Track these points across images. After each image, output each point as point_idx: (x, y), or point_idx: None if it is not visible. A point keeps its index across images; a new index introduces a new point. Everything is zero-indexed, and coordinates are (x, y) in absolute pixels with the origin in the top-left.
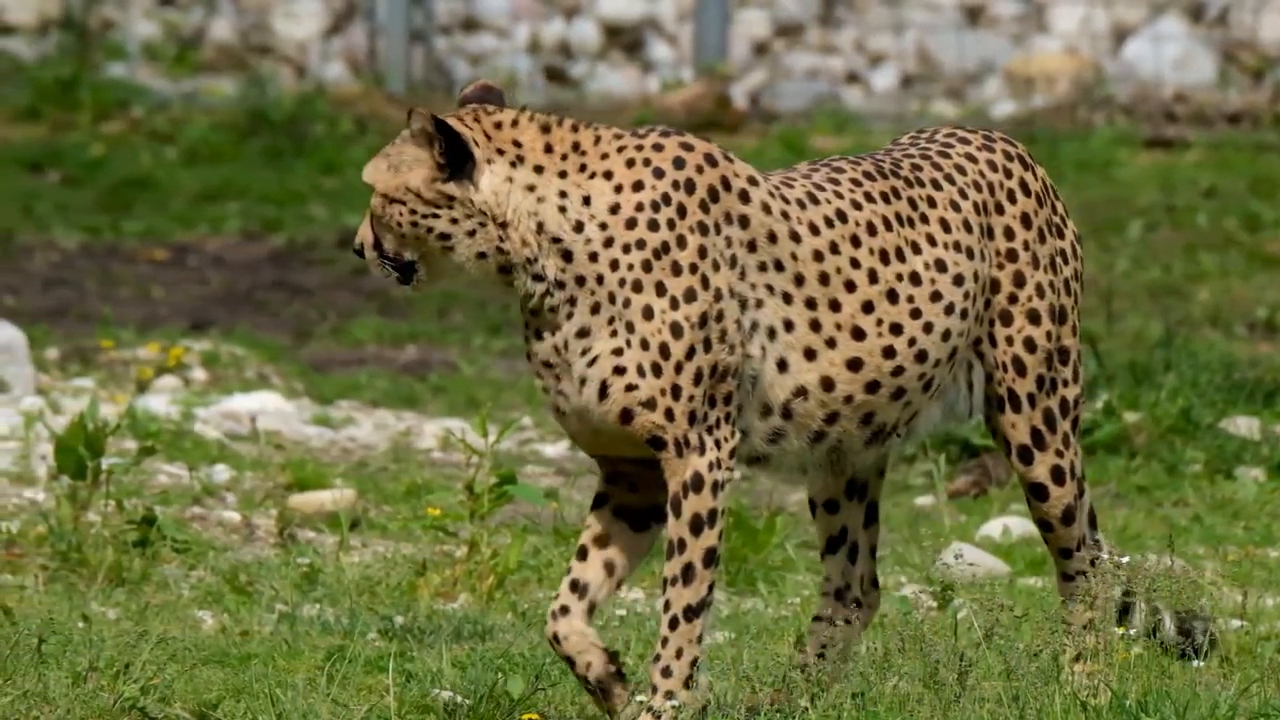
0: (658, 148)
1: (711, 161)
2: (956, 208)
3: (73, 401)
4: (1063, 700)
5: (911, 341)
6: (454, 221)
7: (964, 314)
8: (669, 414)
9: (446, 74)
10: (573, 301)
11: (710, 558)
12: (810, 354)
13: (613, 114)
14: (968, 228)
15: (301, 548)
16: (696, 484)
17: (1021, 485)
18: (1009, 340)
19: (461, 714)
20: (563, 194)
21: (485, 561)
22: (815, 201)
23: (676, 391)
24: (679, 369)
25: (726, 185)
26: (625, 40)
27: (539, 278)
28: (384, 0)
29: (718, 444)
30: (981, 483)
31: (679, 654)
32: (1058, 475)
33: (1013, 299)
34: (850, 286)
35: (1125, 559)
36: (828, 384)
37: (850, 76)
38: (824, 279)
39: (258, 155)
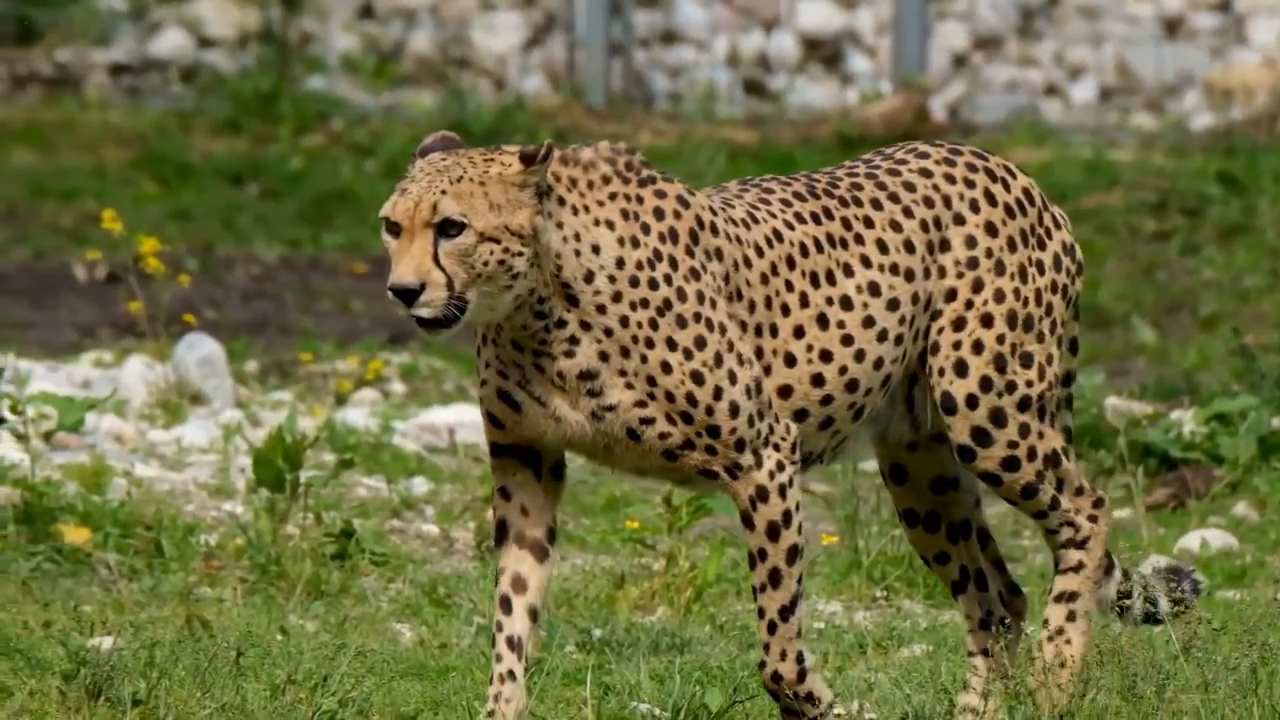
0: (639, 199)
1: (684, 204)
2: (898, 228)
3: (271, 414)
4: (1261, 713)
5: (842, 370)
6: (528, 260)
7: (899, 339)
8: (710, 450)
9: (645, 86)
10: (574, 341)
11: (793, 555)
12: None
13: (811, 126)
14: (909, 248)
15: None
16: (762, 496)
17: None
18: (956, 345)
19: None
20: (577, 236)
21: (683, 574)
22: (756, 221)
23: (715, 431)
24: (710, 411)
25: (701, 224)
26: (824, 52)
27: (541, 315)
28: (583, 13)
29: (775, 447)
30: (1180, 495)
31: (784, 655)
32: (1009, 464)
33: (969, 305)
34: (785, 310)
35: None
36: None
37: (1049, 89)
38: (767, 303)
39: None
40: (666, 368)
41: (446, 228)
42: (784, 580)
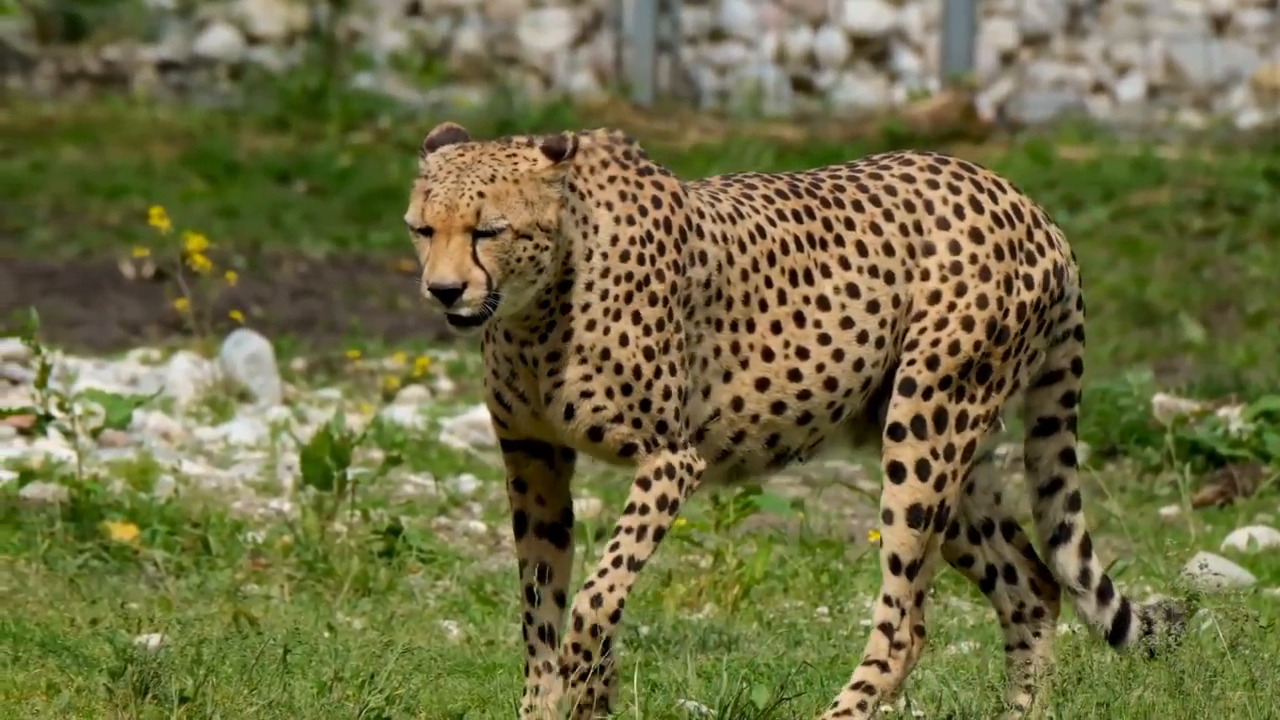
0: (638, 185)
1: (679, 201)
2: (878, 230)
3: (319, 412)
4: None
5: (820, 367)
6: (552, 254)
7: (879, 342)
8: (637, 423)
9: (693, 84)
10: (551, 326)
11: (660, 534)
12: (727, 376)
13: (858, 124)
14: (889, 250)
15: None
16: (669, 472)
17: (882, 466)
18: (934, 342)
19: None
20: (584, 219)
21: (731, 572)
22: (740, 216)
23: (646, 405)
24: (649, 386)
25: (690, 225)
26: (872, 50)
27: (545, 304)
28: (631, 10)
29: (689, 460)
30: (1227, 492)
31: (612, 589)
32: (921, 469)
33: (951, 307)
34: (763, 306)
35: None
36: (737, 403)
37: (1097, 86)
38: (746, 299)
39: None
40: (624, 340)
41: (485, 228)
42: (646, 539)
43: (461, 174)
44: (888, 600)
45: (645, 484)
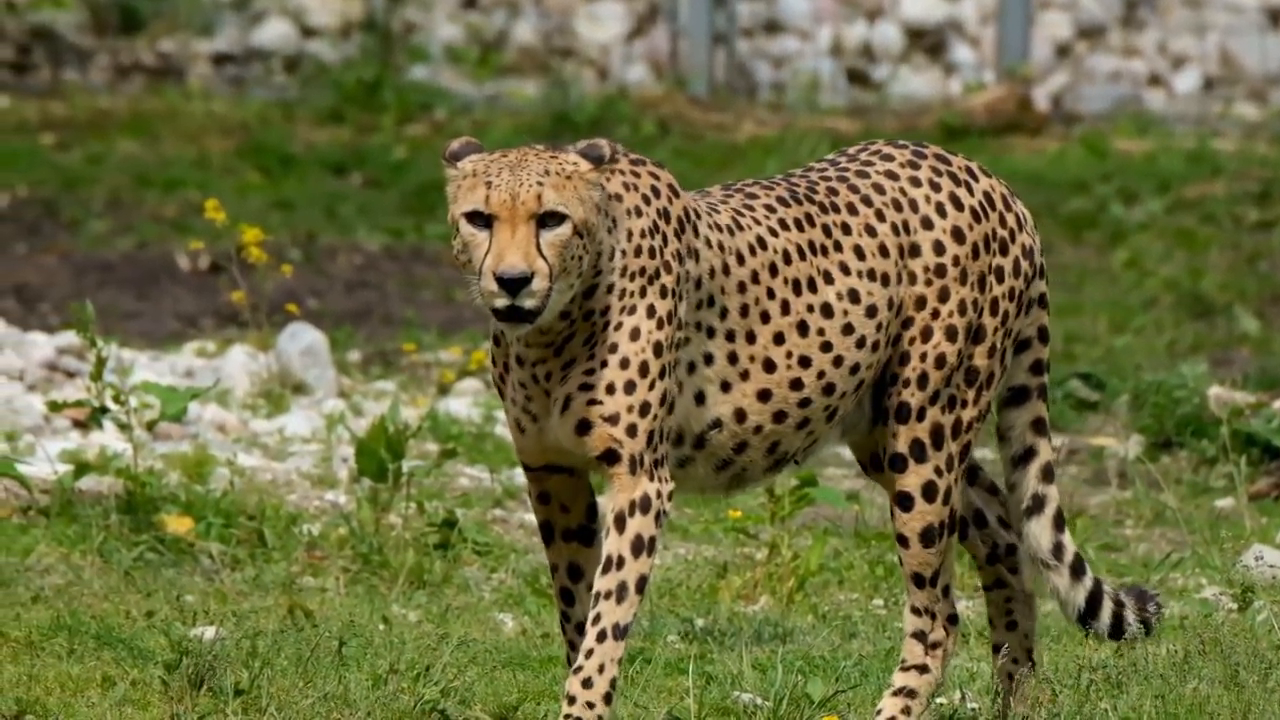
0: (636, 175)
1: (675, 193)
2: (872, 232)
3: (374, 404)
4: None
5: (820, 375)
6: (590, 257)
7: (875, 346)
8: (631, 430)
9: (748, 76)
10: (568, 339)
11: (642, 584)
12: (726, 386)
13: (914, 117)
14: (883, 252)
15: None
16: (645, 505)
17: (889, 497)
18: (923, 356)
19: (761, 716)
20: (605, 213)
21: (786, 564)
22: (740, 228)
23: (645, 409)
24: (652, 386)
25: (687, 217)
26: (927, 42)
27: (566, 314)
28: (686, 3)
29: (663, 480)
30: None
31: (602, 669)
32: (928, 491)
33: (935, 314)
34: (765, 318)
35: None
36: (740, 415)
37: (1152, 78)
38: (744, 310)
39: None
40: (635, 334)
41: (547, 219)
42: (628, 600)
43: (516, 168)
44: (916, 611)
45: (620, 523)
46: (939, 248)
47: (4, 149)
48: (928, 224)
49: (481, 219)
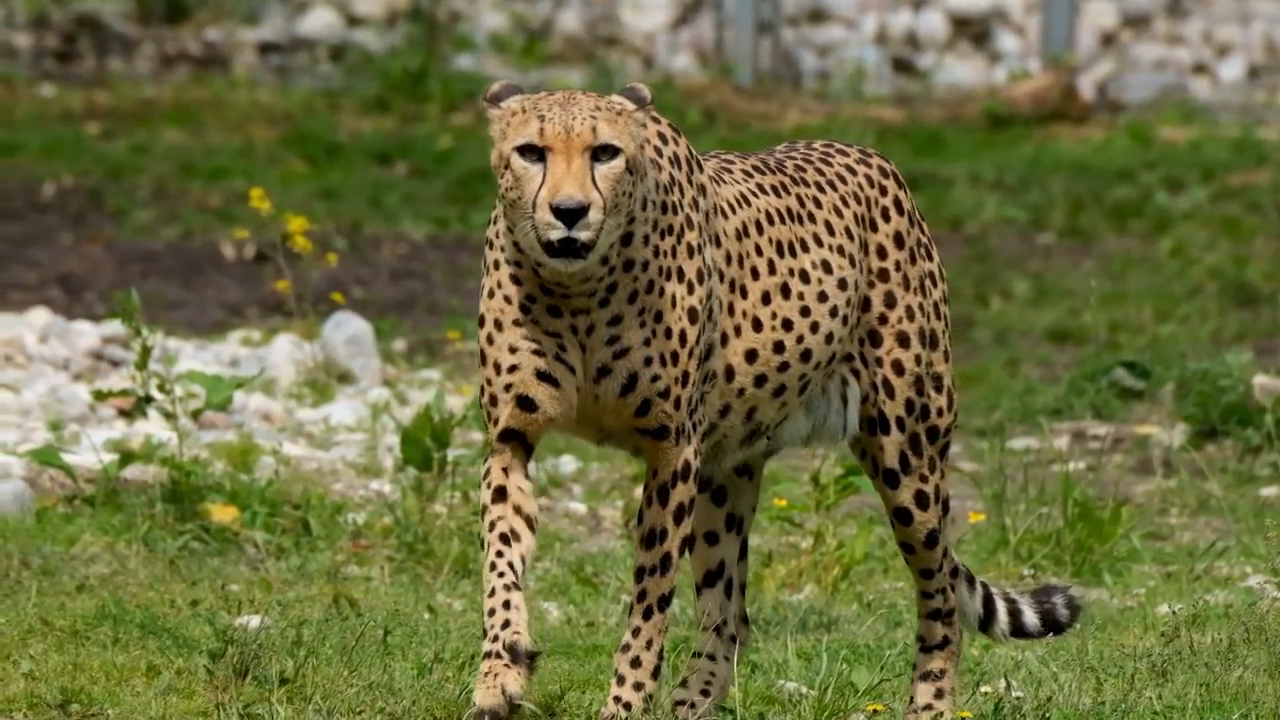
0: (643, 125)
1: (677, 133)
2: (839, 213)
3: (419, 393)
4: None
5: (799, 339)
6: (634, 200)
7: (845, 320)
8: (677, 402)
9: (794, 65)
10: (612, 289)
11: (684, 547)
12: (724, 339)
13: (959, 105)
14: (849, 234)
15: None
16: (685, 472)
17: (885, 509)
18: (879, 362)
19: (806, 705)
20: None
21: (831, 553)
22: (724, 183)
23: (685, 378)
24: (691, 354)
25: (692, 154)
26: (972, 31)
27: (606, 260)
28: None
29: (695, 428)
30: None
31: (649, 645)
32: (921, 500)
33: (883, 319)
34: (754, 273)
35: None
36: (729, 372)
37: (1197, 67)
38: (740, 260)
39: None
40: (673, 301)
41: (600, 152)
42: (672, 568)
43: (566, 104)
44: (928, 594)
45: (664, 494)
46: (882, 251)
47: (49, 138)
48: (874, 226)
49: (535, 152)
